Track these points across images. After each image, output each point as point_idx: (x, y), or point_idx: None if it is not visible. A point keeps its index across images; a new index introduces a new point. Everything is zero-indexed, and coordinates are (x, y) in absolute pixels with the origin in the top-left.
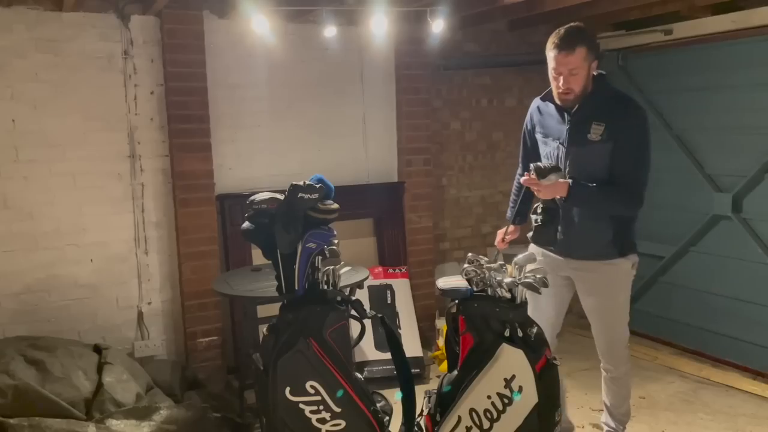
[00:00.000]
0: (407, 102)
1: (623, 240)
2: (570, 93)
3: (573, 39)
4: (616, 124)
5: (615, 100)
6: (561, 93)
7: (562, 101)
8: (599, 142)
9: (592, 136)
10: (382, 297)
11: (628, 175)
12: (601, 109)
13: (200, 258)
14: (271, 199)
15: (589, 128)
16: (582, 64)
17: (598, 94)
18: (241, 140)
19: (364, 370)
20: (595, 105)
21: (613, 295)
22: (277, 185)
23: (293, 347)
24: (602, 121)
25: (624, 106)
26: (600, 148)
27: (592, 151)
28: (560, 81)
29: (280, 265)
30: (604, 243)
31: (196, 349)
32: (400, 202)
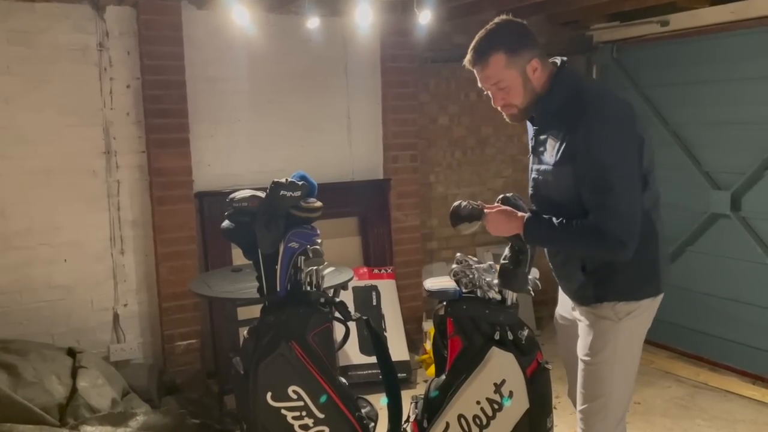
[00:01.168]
0: (393, 96)
1: (599, 280)
2: (512, 108)
3: (483, 48)
4: (567, 139)
5: (573, 104)
6: (504, 110)
7: (510, 119)
8: (553, 164)
9: (546, 154)
10: (367, 298)
11: (598, 215)
12: (558, 116)
13: (178, 258)
14: (252, 197)
15: (546, 142)
16: (505, 73)
17: (551, 96)
18: (220, 136)
19: (349, 374)
20: (548, 111)
21: (589, 349)
22: (258, 182)
23: (275, 351)
24: (556, 135)
25: (580, 114)
26: (555, 171)
27: (549, 173)
28: (493, 99)
29: (262, 265)
30: (579, 282)
31: (173, 352)
32: (385, 200)
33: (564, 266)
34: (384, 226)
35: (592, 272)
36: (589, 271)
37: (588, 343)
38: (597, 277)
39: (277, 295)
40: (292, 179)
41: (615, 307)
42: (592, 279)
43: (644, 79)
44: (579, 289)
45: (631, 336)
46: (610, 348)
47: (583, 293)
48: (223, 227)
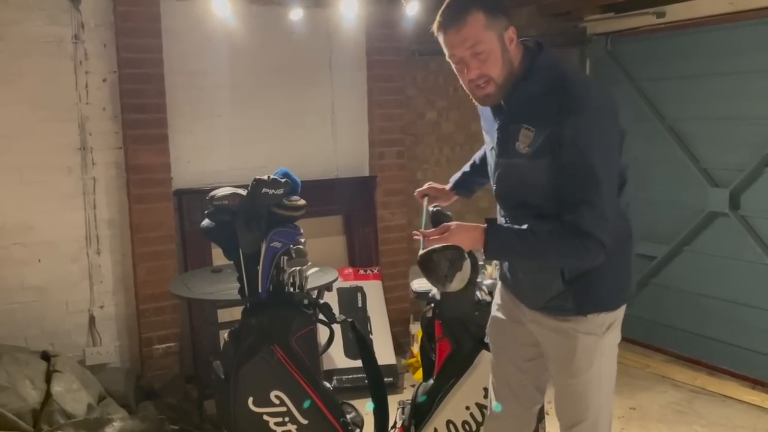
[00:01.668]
0: (379, 90)
1: (582, 290)
2: (488, 84)
3: (460, 5)
4: (549, 130)
5: (554, 91)
6: (476, 87)
7: (482, 99)
8: (527, 157)
9: (520, 145)
10: (352, 300)
11: (578, 214)
12: (534, 104)
13: (156, 258)
14: (233, 195)
15: (518, 133)
16: (485, 35)
17: (530, 78)
18: (200, 131)
19: (333, 378)
20: (526, 98)
21: (572, 369)
22: (239, 179)
23: (256, 354)
24: (533, 124)
25: (564, 103)
26: (529, 165)
27: (521, 167)
28: (466, 71)
29: (243, 265)
30: (555, 291)
31: (151, 356)
32: (371, 198)
33: (539, 273)
34: (370, 225)
35: (572, 280)
36: (568, 280)
37: (571, 363)
38: (578, 286)
39: (259, 297)
40: (275, 176)
41: (598, 319)
42: (572, 288)
43: (639, 73)
44: (553, 299)
45: (612, 348)
46: (596, 365)
47: (559, 304)
48: (202, 226)
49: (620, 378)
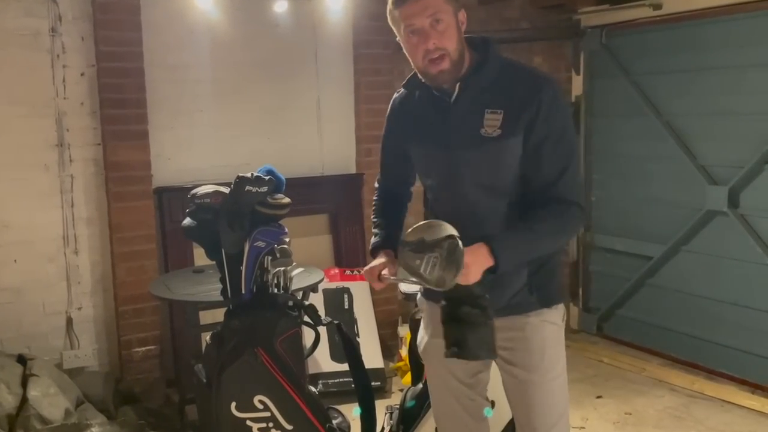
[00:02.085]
0: (367, 84)
1: (545, 281)
2: (444, 58)
3: None
4: (522, 108)
5: (513, 74)
6: (431, 62)
7: (436, 76)
8: (498, 139)
9: (486, 130)
10: (338, 302)
11: (561, 183)
12: (495, 89)
13: (136, 258)
14: (215, 193)
15: (481, 119)
16: (445, 6)
17: (485, 66)
18: (181, 127)
19: (319, 383)
20: (484, 83)
21: (545, 364)
22: (221, 177)
23: (239, 358)
24: (499, 107)
25: (530, 80)
26: (502, 147)
27: (491, 153)
28: (423, 42)
29: (225, 266)
30: (517, 287)
31: (131, 359)
32: (358, 196)
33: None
34: (357, 224)
35: (533, 273)
36: (530, 273)
37: (543, 358)
38: (540, 279)
39: (242, 298)
40: (258, 174)
41: (559, 309)
42: (534, 281)
43: (635, 67)
44: (516, 296)
45: (563, 342)
46: (562, 357)
47: (523, 300)
48: (184, 225)
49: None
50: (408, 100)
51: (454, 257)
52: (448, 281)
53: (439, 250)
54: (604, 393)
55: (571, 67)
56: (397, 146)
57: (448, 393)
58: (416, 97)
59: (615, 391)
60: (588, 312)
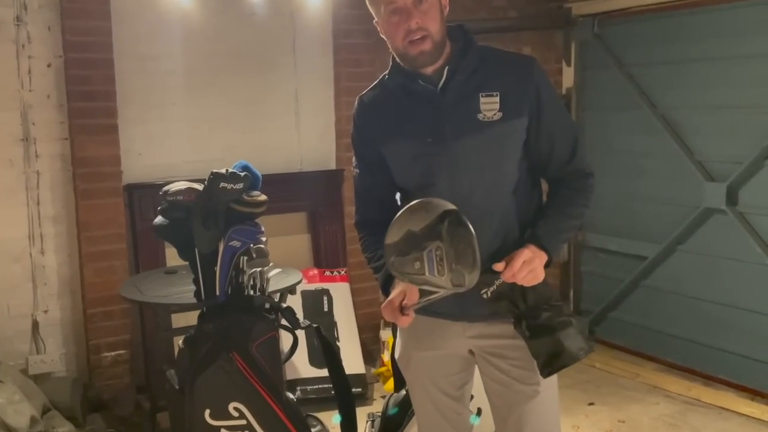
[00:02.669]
0: (347, 76)
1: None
2: (426, 39)
3: None
4: (520, 90)
5: (496, 57)
6: (412, 43)
7: (415, 57)
8: (501, 122)
9: (485, 114)
10: (317, 304)
11: (576, 158)
12: (483, 73)
13: (105, 258)
14: (188, 190)
15: (476, 104)
16: None
17: (470, 50)
18: (152, 121)
19: (297, 389)
20: (471, 67)
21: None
22: (195, 173)
23: (214, 363)
24: (493, 90)
25: (517, 61)
26: (506, 130)
27: (494, 137)
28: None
29: (199, 266)
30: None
31: (100, 364)
32: (338, 193)
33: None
34: (337, 223)
35: None
36: None
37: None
38: None
39: (217, 300)
40: (233, 170)
41: None
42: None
43: (629, 58)
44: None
45: None
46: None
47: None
48: (155, 224)
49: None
50: (381, 97)
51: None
52: (468, 276)
53: (438, 238)
54: (596, 400)
55: (561, 57)
56: (374, 157)
57: (433, 408)
58: (392, 93)
59: (608, 398)
60: (579, 315)
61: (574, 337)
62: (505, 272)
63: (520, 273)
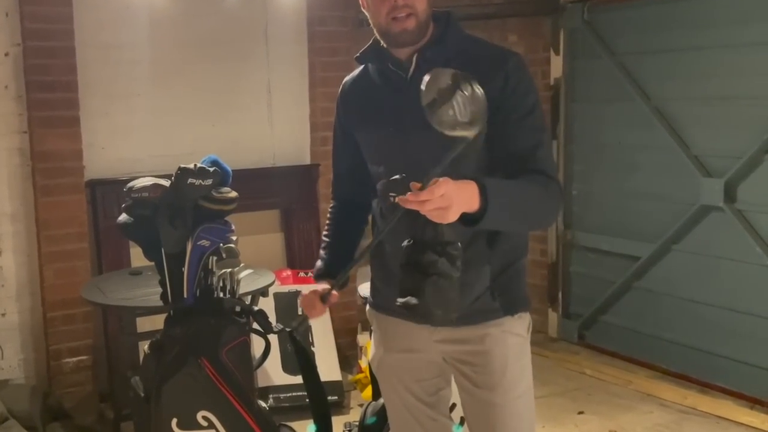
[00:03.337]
0: (322, 65)
1: (510, 284)
2: (410, 17)
3: None
4: (486, 82)
5: (475, 47)
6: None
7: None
8: None
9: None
10: (291, 307)
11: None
12: (455, 64)
13: (67, 259)
14: (154, 186)
15: None
16: None
17: (445, 38)
18: (116, 113)
19: (269, 397)
20: (443, 57)
21: (506, 382)
22: (161, 168)
23: (181, 369)
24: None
25: (493, 52)
26: None
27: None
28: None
29: (166, 267)
30: (479, 290)
31: (61, 371)
32: (313, 190)
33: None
34: (311, 221)
35: (499, 275)
36: (494, 274)
37: (503, 375)
38: (505, 281)
39: (184, 303)
40: (202, 165)
41: (524, 319)
42: (498, 284)
43: (621, 46)
44: (477, 301)
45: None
46: (526, 375)
47: (484, 306)
48: (119, 222)
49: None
50: (361, 80)
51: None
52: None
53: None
54: (587, 409)
55: (549, 46)
56: (350, 138)
57: (407, 413)
58: (370, 75)
59: (598, 407)
60: (568, 318)
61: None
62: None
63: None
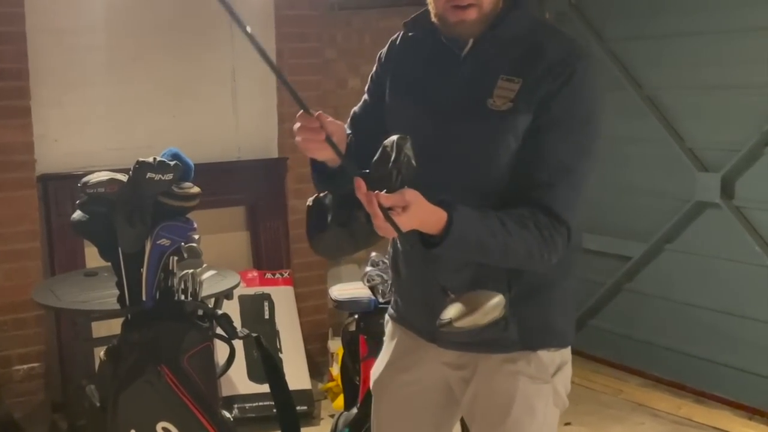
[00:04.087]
0: (291, 52)
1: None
2: (472, 8)
3: None
4: (543, 78)
5: (543, 36)
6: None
7: (454, 25)
8: (506, 114)
9: (495, 101)
10: (257, 310)
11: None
12: (516, 51)
13: (16, 259)
14: (111, 181)
15: (492, 87)
16: None
17: (509, 18)
18: (70, 103)
19: (234, 407)
20: (504, 41)
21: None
22: (118, 162)
23: (140, 377)
24: (517, 74)
25: (564, 46)
26: (507, 125)
27: (492, 131)
28: None
29: (123, 268)
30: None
31: (10, 379)
32: (281, 185)
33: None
34: (279, 218)
35: (519, 299)
36: (514, 297)
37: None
38: (526, 307)
39: (143, 307)
40: (162, 158)
41: (548, 357)
42: (518, 310)
43: (611, 31)
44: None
45: (559, 402)
46: (537, 424)
47: (497, 335)
48: (73, 219)
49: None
50: (412, 42)
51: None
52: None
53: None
54: (574, 419)
55: None
56: (378, 89)
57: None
58: (420, 41)
59: (586, 418)
60: None
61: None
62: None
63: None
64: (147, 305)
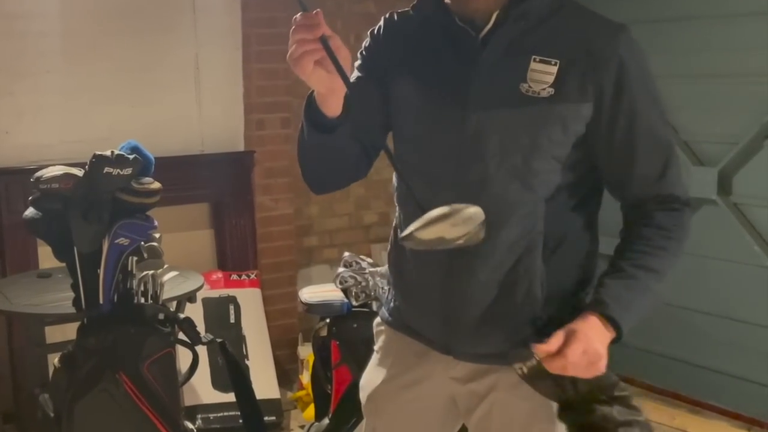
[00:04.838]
0: (259, 38)
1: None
2: None
3: None
4: (591, 65)
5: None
6: None
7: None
8: (549, 101)
9: (530, 86)
10: (222, 314)
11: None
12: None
13: None
14: (65, 176)
15: (524, 70)
16: None
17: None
18: (22, 92)
19: (197, 417)
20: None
21: None
22: (74, 156)
23: (96, 385)
24: (553, 55)
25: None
26: (553, 114)
27: (535, 119)
28: None
29: (79, 269)
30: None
31: None
32: (248, 180)
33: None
34: (246, 216)
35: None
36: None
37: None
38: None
39: (100, 310)
40: (120, 152)
41: None
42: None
43: None
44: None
45: None
46: None
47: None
48: (26, 217)
49: None
50: (412, 22)
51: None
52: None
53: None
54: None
55: None
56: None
57: None
58: (427, 23)
59: None
60: None
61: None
62: (553, 363)
63: (574, 367)
64: (104, 309)
